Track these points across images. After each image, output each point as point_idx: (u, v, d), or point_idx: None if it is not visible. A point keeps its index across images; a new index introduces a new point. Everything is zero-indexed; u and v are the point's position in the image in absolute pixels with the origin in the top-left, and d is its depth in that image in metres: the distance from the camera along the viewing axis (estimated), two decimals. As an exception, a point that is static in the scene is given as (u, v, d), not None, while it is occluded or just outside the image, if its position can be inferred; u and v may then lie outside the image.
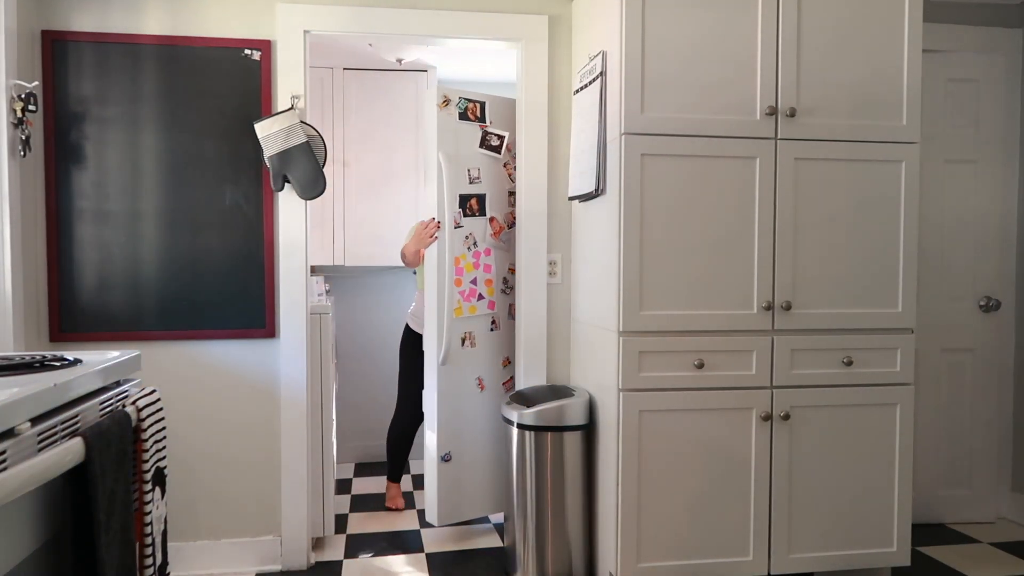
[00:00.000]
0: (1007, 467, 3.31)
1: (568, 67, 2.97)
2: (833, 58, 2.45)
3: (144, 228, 2.69)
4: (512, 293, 3.27)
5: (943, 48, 3.17)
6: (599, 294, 2.59)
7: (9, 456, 1.20)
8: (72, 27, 2.63)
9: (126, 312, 2.69)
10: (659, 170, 2.37)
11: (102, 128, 2.65)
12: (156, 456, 1.75)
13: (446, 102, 3.06)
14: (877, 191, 2.50)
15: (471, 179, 3.14)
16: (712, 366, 2.41)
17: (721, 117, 2.39)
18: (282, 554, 2.81)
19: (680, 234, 2.39)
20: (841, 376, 2.48)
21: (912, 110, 2.50)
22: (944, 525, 3.26)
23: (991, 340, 3.27)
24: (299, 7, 2.76)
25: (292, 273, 2.79)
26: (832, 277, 2.48)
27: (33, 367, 1.56)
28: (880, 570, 2.61)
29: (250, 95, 2.74)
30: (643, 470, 2.38)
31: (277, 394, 2.80)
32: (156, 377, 2.68)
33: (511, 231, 3.23)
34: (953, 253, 3.24)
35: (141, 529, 1.68)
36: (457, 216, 3.11)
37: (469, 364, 3.17)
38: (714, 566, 2.44)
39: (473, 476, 3.17)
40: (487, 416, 3.21)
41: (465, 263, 3.15)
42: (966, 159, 3.24)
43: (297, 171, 2.72)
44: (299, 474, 2.81)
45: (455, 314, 3.10)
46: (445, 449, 3.09)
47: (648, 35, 2.35)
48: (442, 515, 3.08)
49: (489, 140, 3.17)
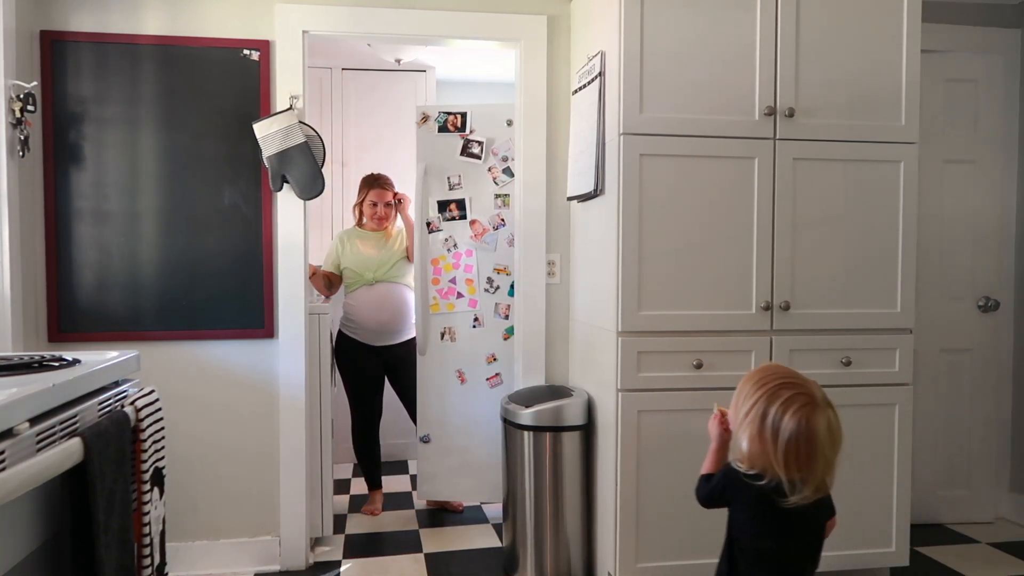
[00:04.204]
0: (1006, 467, 3.31)
1: (567, 67, 2.97)
2: (832, 58, 2.45)
3: (143, 228, 2.69)
4: (499, 292, 3.35)
5: (942, 48, 3.17)
6: (598, 294, 2.59)
7: (8, 456, 1.20)
8: (71, 27, 2.63)
9: (125, 312, 2.69)
10: (658, 170, 2.37)
11: (101, 128, 2.65)
12: (155, 456, 1.75)
13: (424, 119, 3.35)
14: (876, 191, 2.50)
15: (451, 186, 3.38)
16: (711, 366, 2.41)
17: (719, 117, 2.40)
18: (281, 554, 2.81)
19: (679, 234, 2.39)
20: (840, 376, 2.49)
21: (911, 110, 2.51)
22: (943, 525, 3.26)
23: (990, 340, 3.28)
24: (298, 7, 2.76)
25: (291, 273, 2.79)
26: (830, 277, 2.48)
27: (32, 367, 1.56)
28: (879, 570, 2.61)
29: (249, 95, 2.74)
30: (642, 470, 2.38)
31: (275, 394, 2.80)
32: (155, 377, 2.67)
33: (497, 232, 3.35)
34: (952, 253, 3.24)
35: (140, 529, 1.68)
36: (436, 221, 3.38)
37: (449, 357, 3.39)
38: (713, 566, 2.43)
39: (454, 462, 3.39)
40: (469, 408, 3.39)
41: (444, 263, 3.40)
42: (965, 159, 3.24)
43: (296, 171, 2.72)
44: (298, 474, 2.81)
45: (431, 310, 3.39)
46: (424, 431, 3.40)
47: (647, 35, 2.35)
48: (422, 492, 3.42)
49: (470, 148, 3.36)
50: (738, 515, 1.52)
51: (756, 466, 1.43)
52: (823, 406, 1.40)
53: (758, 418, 1.40)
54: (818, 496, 1.42)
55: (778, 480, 1.39)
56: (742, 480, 1.44)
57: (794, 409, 1.38)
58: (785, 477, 1.38)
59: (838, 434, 1.41)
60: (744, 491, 1.45)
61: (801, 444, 1.37)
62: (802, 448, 1.37)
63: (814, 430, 1.37)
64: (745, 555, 1.51)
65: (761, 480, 1.42)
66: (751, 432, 1.42)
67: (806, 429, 1.36)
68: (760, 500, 1.42)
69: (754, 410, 1.42)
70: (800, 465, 1.38)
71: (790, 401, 1.39)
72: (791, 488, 1.38)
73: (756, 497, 1.43)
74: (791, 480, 1.38)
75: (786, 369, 1.50)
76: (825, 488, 1.44)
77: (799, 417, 1.37)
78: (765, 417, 1.39)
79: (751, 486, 1.43)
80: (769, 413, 1.39)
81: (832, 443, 1.40)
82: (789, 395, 1.39)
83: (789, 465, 1.37)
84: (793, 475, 1.38)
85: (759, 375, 1.47)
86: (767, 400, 1.41)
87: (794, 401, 1.39)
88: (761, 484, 1.41)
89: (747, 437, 1.43)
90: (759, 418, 1.40)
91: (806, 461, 1.37)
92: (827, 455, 1.39)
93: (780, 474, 1.38)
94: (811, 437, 1.37)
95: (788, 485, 1.38)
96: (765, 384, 1.43)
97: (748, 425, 1.43)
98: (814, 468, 1.38)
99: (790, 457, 1.37)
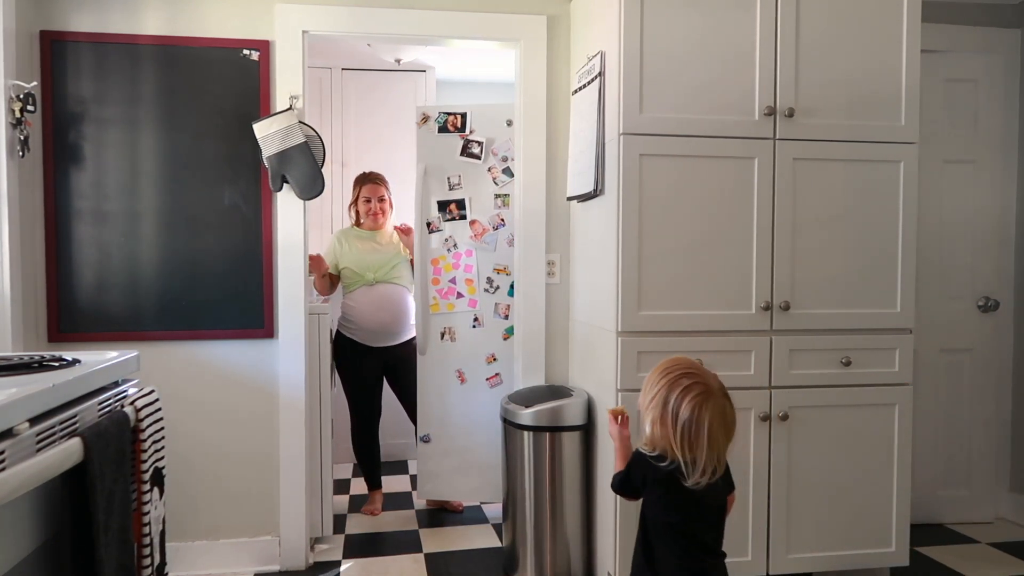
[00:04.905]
0: (1005, 467, 3.31)
1: (567, 67, 2.97)
2: (831, 58, 2.45)
3: (143, 228, 2.69)
4: (498, 292, 3.35)
5: (941, 48, 3.17)
6: (597, 294, 2.59)
7: (8, 456, 1.20)
8: (71, 27, 2.63)
9: (125, 312, 2.69)
10: (657, 170, 2.37)
11: (101, 128, 2.65)
12: (155, 456, 1.75)
13: (425, 119, 3.35)
14: (875, 191, 2.50)
15: (451, 186, 3.38)
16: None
17: (719, 117, 2.40)
18: (280, 554, 2.81)
19: (679, 234, 2.39)
20: (840, 376, 2.49)
21: (910, 110, 2.51)
22: (943, 525, 3.26)
23: (990, 340, 3.28)
24: (298, 7, 2.76)
25: (290, 273, 2.79)
26: (830, 277, 2.48)
27: (32, 367, 1.56)
28: (879, 570, 2.61)
29: (248, 95, 2.74)
30: (642, 470, 2.38)
31: (275, 394, 2.80)
32: (155, 377, 2.67)
33: (497, 232, 3.35)
34: (951, 253, 3.24)
35: (139, 529, 1.68)
36: (436, 221, 3.38)
37: (449, 357, 3.39)
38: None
39: (454, 462, 3.39)
40: (468, 408, 3.39)
41: (444, 264, 3.40)
42: (964, 159, 3.24)
43: (295, 171, 2.72)
44: (297, 474, 2.81)
45: (431, 310, 3.39)
46: (424, 431, 3.40)
47: (646, 35, 2.35)
48: (422, 491, 3.41)
49: (470, 148, 3.36)
50: (649, 495, 1.67)
51: (658, 447, 1.61)
52: (718, 396, 1.57)
53: (660, 404, 1.58)
54: (714, 477, 1.58)
55: (678, 461, 1.57)
56: (648, 462, 1.62)
57: (691, 396, 1.55)
58: (681, 458, 1.56)
59: (731, 422, 1.59)
60: (651, 472, 1.62)
61: (696, 429, 1.53)
62: (697, 432, 1.54)
63: (707, 417, 1.54)
64: (656, 530, 1.66)
65: (663, 462, 1.59)
66: (654, 416, 1.59)
67: (699, 415, 1.53)
68: (666, 479, 1.59)
69: (657, 396, 1.59)
70: (694, 447, 1.54)
71: (688, 389, 1.55)
72: (689, 469, 1.56)
73: (663, 477, 1.60)
74: (686, 461, 1.56)
75: (690, 361, 1.66)
76: (719, 469, 1.60)
77: (695, 404, 1.54)
78: (667, 403, 1.56)
79: (657, 467, 1.60)
80: (670, 400, 1.56)
81: (725, 430, 1.57)
82: (688, 383, 1.56)
83: (684, 447, 1.55)
84: (687, 456, 1.55)
85: (664, 366, 1.64)
86: (668, 388, 1.58)
87: (692, 389, 1.55)
88: (664, 465, 1.59)
89: (651, 421, 1.60)
90: (661, 404, 1.57)
91: (700, 444, 1.54)
92: (719, 440, 1.56)
93: (678, 455, 1.56)
94: (706, 423, 1.53)
95: (685, 466, 1.56)
96: (669, 373, 1.60)
97: (652, 410, 1.60)
98: (708, 451, 1.54)
99: (685, 440, 1.54)
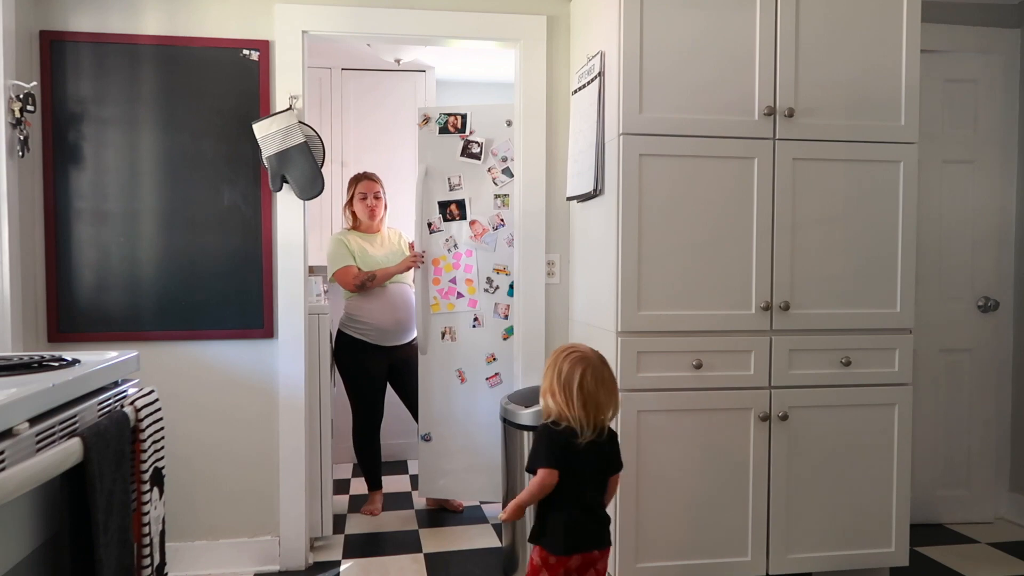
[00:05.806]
0: (1005, 467, 3.31)
1: (566, 67, 2.97)
2: (831, 58, 2.45)
3: (142, 228, 2.69)
4: (498, 292, 3.36)
5: (941, 48, 3.17)
6: (597, 294, 2.59)
7: (7, 456, 1.20)
8: (70, 27, 2.63)
9: (124, 312, 2.69)
10: (657, 170, 2.37)
11: (100, 128, 2.65)
12: (154, 456, 1.75)
13: (426, 120, 3.38)
14: (875, 191, 2.50)
15: (451, 187, 3.41)
16: (710, 366, 2.41)
17: (719, 117, 2.40)
18: (280, 554, 2.81)
19: (678, 234, 2.39)
20: (839, 376, 2.49)
21: (910, 110, 2.51)
22: (942, 525, 3.26)
23: (989, 340, 3.28)
24: (297, 7, 2.76)
25: (290, 273, 2.79)
26: (830, 277, 2.48)
27: (31, 367, 1.56)
28: (878, 570, 2.61)
29: (248, 95, 2.74)
30: (641, 471, 2.38)
31: (275, 394, 2.80)
32: (154, 377, 2.67)
33: (497, 232, 3.36)
34: (951, 253, 3.24)
35: (139, 529, 1.68)
36: (436, 221, 3.41)
37: (449, 357, 3.42)
38: (712, 566, 2.44)
39: (454, 462, 3.41)
40: (469, 407, 3.40)
41: (444, 264, 3.43)
42: (964, 159, 3.24)
43: (295, 171, 2.72)
44: (297, 474, 2.81)
45: (432, 310, 3.42)
46: (426, 430, 3.44)
47: (646, 35, 2.35)
48: (423, 490, 3.47)
49: (470, 148, 3.37)
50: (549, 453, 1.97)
51: (553, 414, 1.93)
52: (595, 361, 1.94)
53: (552, 375, 1.94)
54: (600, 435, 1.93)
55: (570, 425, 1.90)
56: (550, 429, 1.93)
57: (571, 361, 1.93)
58: (570, 414, 1.89)
59: (610, 381, 1.96)
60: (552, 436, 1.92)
61: (578, 382, 1.90)
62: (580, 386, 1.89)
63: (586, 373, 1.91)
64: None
65: (559, 426, 1.91)
66: (551, 386, 1.93)
67: (580, 373, 1.90)
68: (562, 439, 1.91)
69: (552, 370, 1.95)
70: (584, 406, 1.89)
71: (569, 356, 1.94)
72: (580, 428, 1.89)
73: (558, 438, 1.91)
74: (575, 417, 1.89)
75: (580, 344, 2.04)
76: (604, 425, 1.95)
77: (573, 363, 1.92)
78: (560, 374, 1.93)
79: (556, 431, 1.92)
80: (562, 370, 1.93)
81: (605, 390, 1.93)
82: (574, 356, 1.94)
83: (571, 406, 1.89)
84: (574, 412, 1.89)
85: (559, 349, 2.01)
86: (555, 360, 1.97)
87: (571, 356, 1.94)
88: (561, 429, 1.91)
89: (549, 392, 1.94)
90: (556, 375, 1.93)
91: (584, 403, 1.89)
92: (599, 397, 1.91)
93: (569, 416, 1.90)
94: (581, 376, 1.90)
95: (577, 426, 1.89)
96: (562, 352, 1.98)
97: (546, 381, 1.96)
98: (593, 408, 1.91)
99: (571, 400, 1.89)
